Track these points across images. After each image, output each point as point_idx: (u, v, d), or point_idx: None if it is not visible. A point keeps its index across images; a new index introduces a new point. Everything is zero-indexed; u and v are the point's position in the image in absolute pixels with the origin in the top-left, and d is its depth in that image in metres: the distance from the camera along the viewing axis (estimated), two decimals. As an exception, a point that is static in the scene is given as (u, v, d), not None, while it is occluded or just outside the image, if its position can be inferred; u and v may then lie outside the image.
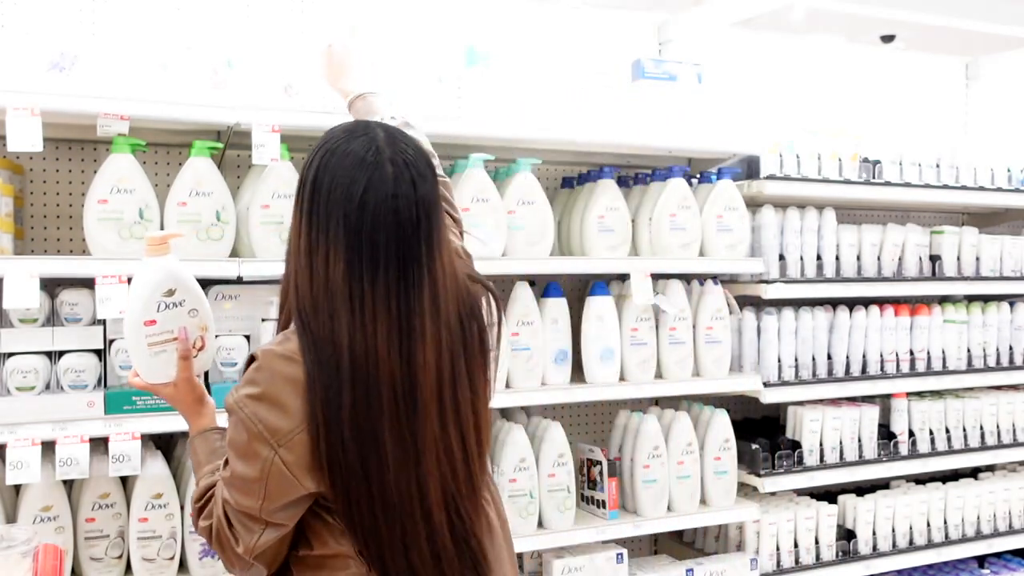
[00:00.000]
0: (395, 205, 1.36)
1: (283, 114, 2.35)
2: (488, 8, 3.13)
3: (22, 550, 1.77)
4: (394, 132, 1.44)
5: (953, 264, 3.54)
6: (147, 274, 1.58)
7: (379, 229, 1.35)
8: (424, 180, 1.40)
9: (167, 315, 1.59)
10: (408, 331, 1.35)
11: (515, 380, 2.74)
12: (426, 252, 1.38)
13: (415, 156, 1.41)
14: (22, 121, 2.06)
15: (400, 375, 1.35)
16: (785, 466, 3.15)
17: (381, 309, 1.34)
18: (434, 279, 1.38)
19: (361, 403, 1.34)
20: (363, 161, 1.37)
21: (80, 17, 2.55)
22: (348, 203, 1.35)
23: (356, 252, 1.34)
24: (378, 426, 1.35)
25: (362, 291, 1.34)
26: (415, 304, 1.36)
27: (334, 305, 1.34)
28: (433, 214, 1.40)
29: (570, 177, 3.19)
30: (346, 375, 1.34)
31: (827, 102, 3.85)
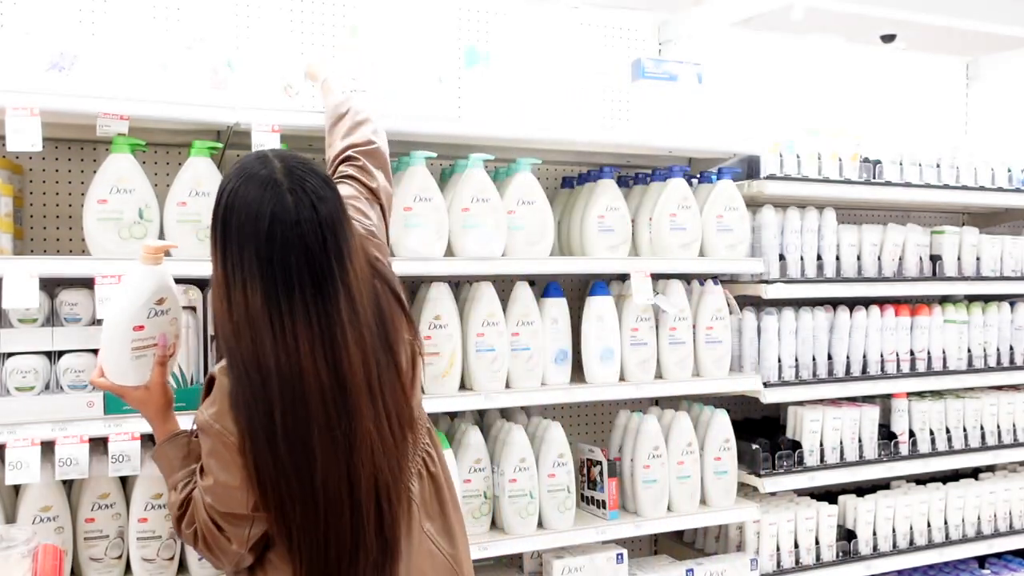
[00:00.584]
0: (300, 231, 1.46)
1: (283, 114, 2.35)
2: (488, 8, 3.14)
3: (22, 550, 1.77)
4: (291, 162, 1.53)
5: (953, 264, 3.54)
6: (143, 281, 1.63)
7: (289, 255, 1.45)
8: (324, 201, 1.50)
9: (154, 322, 1.66)
10: (331, 341, 1.45)
11: (515, 380, 2.74)
12: (337, 266, 1.48)
13: (313, 181, 1.51)
14: (22, 121, 2.06)
15: (329, 384, 1.45)
16: (785, 466, 3.15)
17: (302, 327, 1.44)
18: (348, 287, 1.48)
19: (289, 418, 1.44)
20: (264, 196, 1.47)
21: (80, 17, 2.56)
22: (257, 237, 1.45)
23: (271, 280, 1.44)
24: (309, 436, 1.45)
25: (281, 314, 1.44)
26: (334, 316, 1.46)
27: (257, 331, 1.44)
28: (339, 229, 1.50)
29: (570, 177, 3.19)
30: (275, 395, 1.44)
31: (827, 102, 3.85)
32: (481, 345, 2.66)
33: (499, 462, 2.73)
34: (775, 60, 3.72)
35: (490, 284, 2.73)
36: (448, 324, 2.63)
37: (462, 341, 2.67)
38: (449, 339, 2.63)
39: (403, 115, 2.52)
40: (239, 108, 2.32)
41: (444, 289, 2.66)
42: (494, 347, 2.68)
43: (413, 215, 2.53)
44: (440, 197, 2.58)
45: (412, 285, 2.74)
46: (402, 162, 2.62)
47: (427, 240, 2.55)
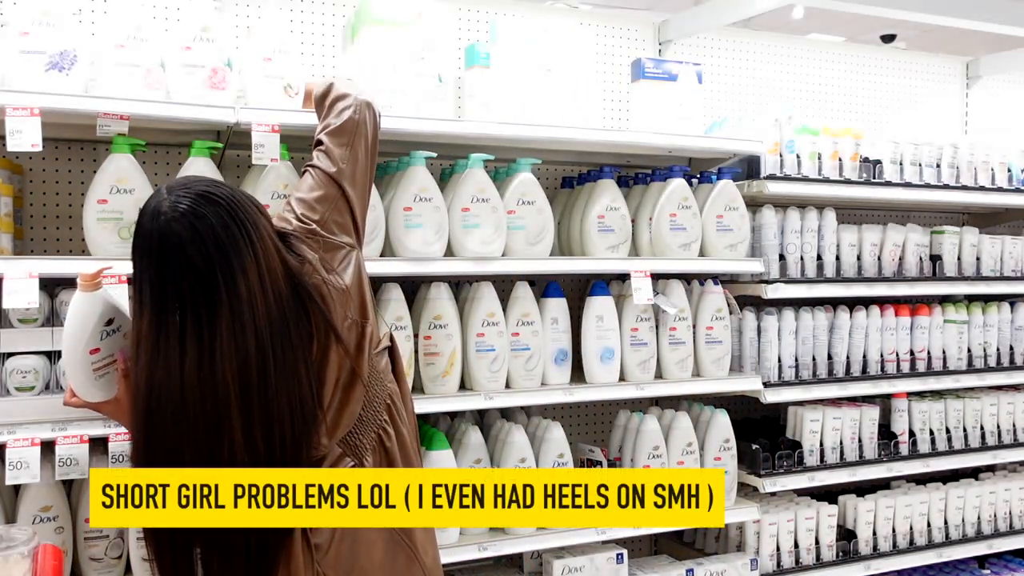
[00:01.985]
0: (185, 253, 1.52)
1: (283, 114, 2.35)
2: (488, 8, 3.14)
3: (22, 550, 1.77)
4: (176, 188, 1.59)
5: (953, 264, 3.54)
6: (88, 308, 1.69)
7: (177, 277, 1.52)
8: (201, 219, 1.54)
9: (108, 342, 1.71)
10: (210, 355, 1.51)
11: (515, 380, 2.74)
12: (224, 282, 1.53)
13: (189, 203, 1.55)
14: (22, 121, 2.06)
15: (205, 394, 1.51)
16: (785, 466, 3.15)
17: (190, 344, 1.51)
18: (236, 300, 1.53)
19: (160, 431, 1.52)
20: (152, 227, 1.54)
21: (80, 17, 2.56)
22: (150, 267, 1.54)
23: (159, 302, 1.53)
24: (179, 448, 1.52)
25: (166, 335, 1.51)
26: (216, 328, 1.52)
27: (141, 352, 1.53)
28: (224, 242, 1.55)
29: (570, 177, 3.19)
30: (142, 409, 1.53)
31: (827, 102, 3.86)
32: (481, 345, 2.66)
33: (499, 462, 2.73)
34: (775, 60, 3.73)
35: (490, 284, 2.73)
36: (448, 324, 2.63)
37: (462, 341, 2.67)
38: (449, 339, 2.63)
39: (403, 115, 2.52)
40: (239, 108, 2.32)
41: (444, 289, 2.66)
42: (494, 347, 2.68)
43: (413, 215, 2.53)
44: (440, 197, 2.58)
45: (412, 285, 2.74)
46: (402, 162, 2.62)
47: (427, 240, 2.55)
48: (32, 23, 2.14)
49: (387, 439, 1.76)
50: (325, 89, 2.04)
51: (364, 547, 1.67)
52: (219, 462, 1.52)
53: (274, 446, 1.55)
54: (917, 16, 3.25)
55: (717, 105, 3.60)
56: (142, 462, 1.56)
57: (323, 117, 1.99)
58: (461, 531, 2.66)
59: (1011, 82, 4.29)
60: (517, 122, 2.67)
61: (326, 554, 1.63)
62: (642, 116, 3.06)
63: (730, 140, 3.06)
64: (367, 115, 1.96)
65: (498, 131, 2.63)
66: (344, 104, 1.96)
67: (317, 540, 1.63)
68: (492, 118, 2.69)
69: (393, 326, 2.53)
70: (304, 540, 1.62)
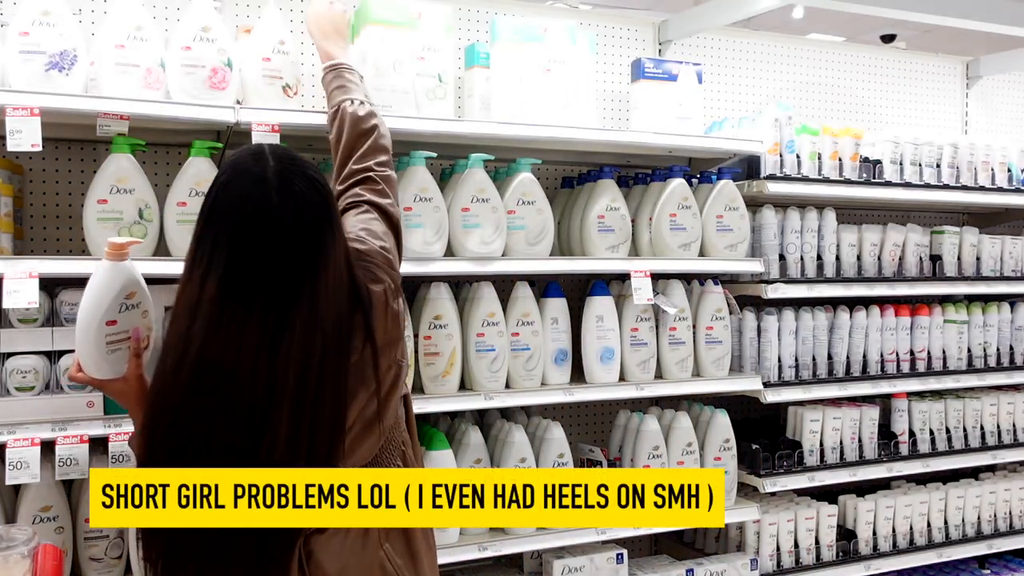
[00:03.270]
0: (279, 233, 1.43)
1: (283, 114, 2.35)
2: (488, 8, 3.14)
3: (22, 550, 1.77)
4: (285, 162, 1.49)
5: (953, 264, 3.54)
6: (111, 277, 1.65)
7: (261, 254, 1.42)
8: (310, 206, 1.47)
9: (126, 316, 1.67)
10: (275, 347, 1.42)
11: (515, 380, 2.74)
12: (308, 273, 1.45)
13: (302, 184, 1.47)
14: (22, 121, 2.06)
15: (260, 383, 1.41)
16: (785, 466, 3.15)
17: (254, 326, 1.41)
18: (315, 297, 1.45)
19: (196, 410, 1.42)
20: (250, 194, 1.44)
21: (80, 17, 2.56)
22: (234, 231, 1.43)
23: (234, 274, 1.42)
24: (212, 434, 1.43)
25: (233, 309, 1.41)
26: (289, 321, 1.43)
27: (195, 319, 1.41)
28: (319, 236, 1.48)
29: (570, 177, 3.19)
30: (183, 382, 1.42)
31: (827, 102, 3.86)
32: (481, 345, 2.67)
33: (499, 462, 2.73)
34: (775, 60, 3.73)
35: (490, 284, 2.73)
36: (448, 324, 2.63)
37: (462, 341, 2.67)
38: (449, 339, 2.63)
39: (403, 115, 2.52)
40: (239, 108, 2.32)
41: (444, 289, 2.66)
42: (494, 347, 2.68)
43: (413, 215, 2.53)
44: (440, 197, 2.58)
45: (412, 285, 2.74)
46: (402, 162, 2.62)
47: (427, 240, 2.55)
48: (32, 23, 2.14)
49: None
50: (366, 113, 2.02)
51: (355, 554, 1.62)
52: (255, 459, 1.44)
53: (309, 459, 1.48)
54: (917, 16, 3.25)
55: (717, 105, 3.60)
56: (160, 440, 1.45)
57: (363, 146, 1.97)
58: (461, 531, 2.66)
59: (1011, 82, 4.29)
60: (517, 122, 2.67)
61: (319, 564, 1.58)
62: (642, 116, 3.06)
63: (730, 140, 3.06)
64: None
65: (498, 131, 2.63)
66: (387, 158, 1.98)
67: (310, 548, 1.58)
68: (492, 118, 2.69)
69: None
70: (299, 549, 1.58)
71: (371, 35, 2.50)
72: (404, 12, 2.54)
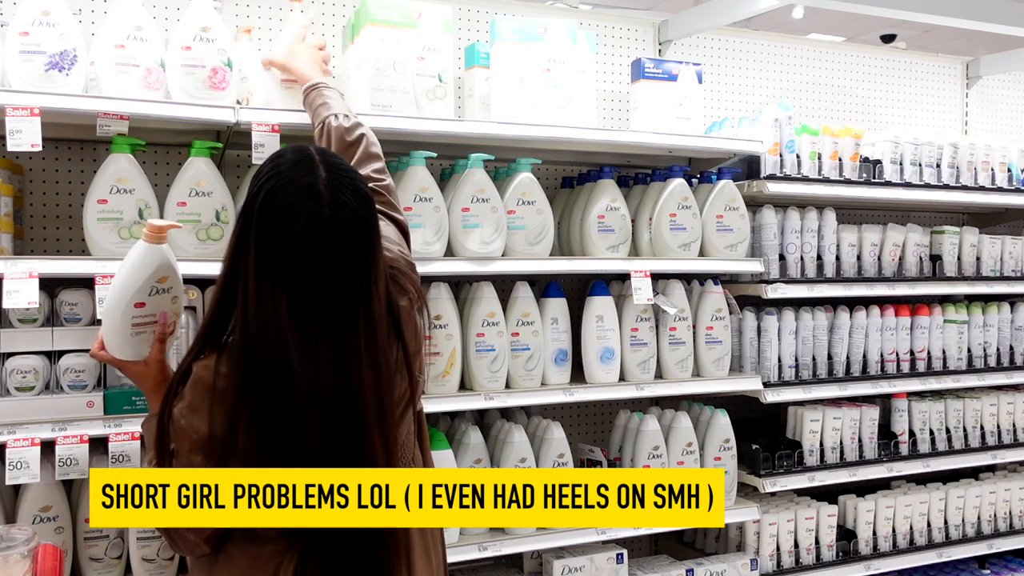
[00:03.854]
0: (332, 248, 1.44)
1: (283, 114, 2.35)
2: (488, 8, 3.14)
3: (22, 550, 1.77)
4: (336, 174, 1.50)
5: (953, 264, 3.54)
6: (146, 259, 1.65)
7: (316, 269, 1.44)
8: (360, 222, 1.48)
9: (155, 300, 1.67)
10: (345, 360, 1.45)
11: (515, 380, 2.74)
12: (361, 289, 1.47)
13: (353, 199, 1.48)
14: (22, 121, 2.06)
15: (343, 404, 1.45)
16: (785, 466, 3.15)
17: (322, 340, 1.44)
18: (370, 310, 1.48)
19: (297, 427, 1.44)
20: (302, 206, 1.44)
21: (80, 17, 2.56)
22: (287, 244, 1.43)
23: (298, 291, 1.43)
24: (310, 449, 1.45)
25: (304, 323, 1.43)
26: (351, 337, 1.46)
27: (281, 335, 1.42)
28: (370, 252, 1.50)
29: (570, 177, 3.19)
30: (291, 402, 1.43)
31: (827, 102, 3.86)
32: (481, 345, 2.67)
33: (499, 462, 2.73)
34: (775, 60, 3.73)
35: (490, 284, 2.73)
36: (448, 324, 2.63)
37: (462, 341, 2.67)
38: (449, 339, 2.63)
39: (403, 115, 2.52)
40: (239, 108, 2.32)
41: (444, 289, 2.66)
42: (494, 347, 2.68)
43: (413, 215, 2.53)
44: (440, 197, 2.58)
45: (412, 285, 2.74)
46: (402, 162, 2.62)
47: (427, 240, 2.55)
48: (32, 23, 2.14)
49: None
50: (351, 124, 2.04)
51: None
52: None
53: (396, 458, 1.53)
54: (917, 16, 3.25)
55: (717, 105, 3.60)
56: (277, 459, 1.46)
57: (353, 157, 1.98)
58: (461, 531, 2.66)
59: (1011, 82, 4.30)
60: (517, 122, 2.67)
61: None
62: (642, 116, 3.06)
63: (730, 140, 3.06)
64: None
65: (498, 131, 2.63)
66: (381, 165, 1.99)
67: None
68: (492, 118, 2.69)
69: None
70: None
71: (371, 35, 2.50)
72: (404, 12, 2.54)
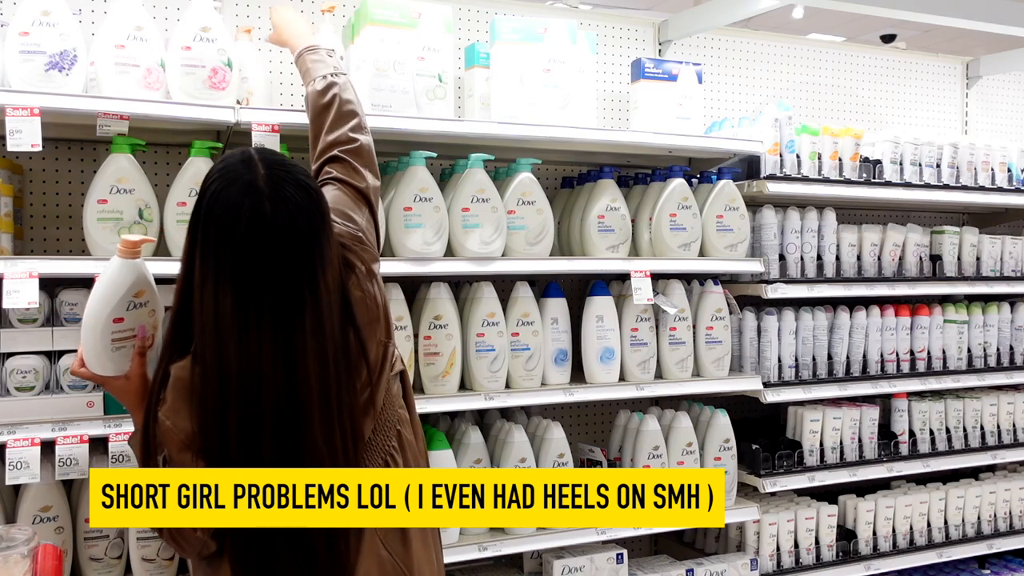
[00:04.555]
0: (275, 241, 1.46)
1: (283, 114, 2.35)
2: (488, 8, 3.14)
3: (22, 550, 1.77)
4: (275, 169, 1.51)
5: (953, 264, 3.54)
6: (121, 275, 1.66)
7: (262, 264, 1.45)
8: (302, 212, 1.49)
9: (133, 314, 1.68)
10: (291, 352, 1.46)
11: (515, 380, 2.74)
12: (308, 278, 1.48)
13: (293, 191, 1.49)
14: (22, 121, 2.06)
15: (284, 393, 1.46)
16: (785, 466, 3.15)
17: (267, 335, 1.45)
18: (317, 300, 1.49)
19: (243, 423, 1.46)
20: (243, 203, 1.46)
21: (80, 17, 2.56)
22: (232, 242, 1.45)
23: (242, 286, 1.45)
24: (260, 443, 1.47)
25: (248, 320, 1.45)
26: (297, 327, 1.47)
27: (223, 334, 1.45)
28: (315, 241, 1.50)
29: (570, 177, 3.19)
30: (232, 398, 1.46)
31: (827, 102, 3.86)
32: (481, 345, 2.67)
33: (499, 462, 2.73)
34: (775, 60, 3.73)
35: (490, 284, 2.73)
36: (448, 324, 2.63)
37: (462, 341, 2.67)
38: (449, 339, 2.63)
39: (403, 115, 2.52)
40: (239, 108, 2.32)
41: (444, 289, 2.66)
42: (494, 347, 2.68)
43: (413, 215, 2.53)
44: (440, 197, 2.58)
45: (412, 285, 2.74)
46: (402, 162, 2.62)
47: (427, 240, 2.55)
48: (32, 23, 2.14)
49: (393, 465, 1.74)
50: (324, 86, 1.98)
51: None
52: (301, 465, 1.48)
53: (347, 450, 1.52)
54: (917, 16, 3.25)
55: (717, 105, 3.60)
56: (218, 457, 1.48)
57: (327, 121, 1.94)
58: (461, 531, 2.66)
59: (1011, 82, 4.30)
60: (517, 122, 2.67)
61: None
62: (642, 116, 3.06)
63: (730, 140, 3.06)
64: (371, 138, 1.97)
65: (498, 131, 2.63)
66: (355, 123, 1.94)
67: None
68: (492, 118, 2.69)
69: (393, 326, 2.53)
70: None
71: (371, 35, 2.50)
72: (404, 12, 2.54)
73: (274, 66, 2.81)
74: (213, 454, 1.50)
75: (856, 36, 7.76)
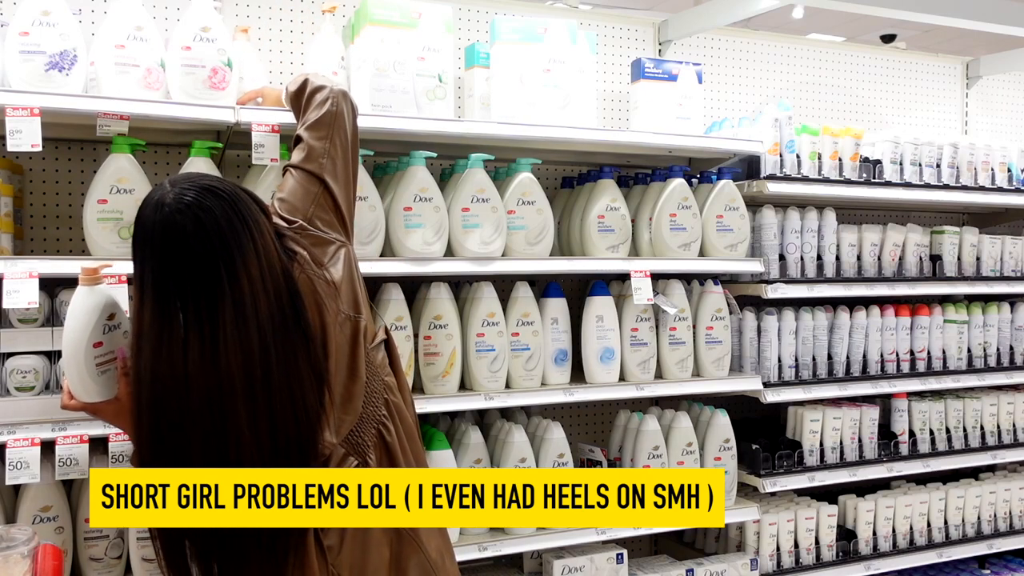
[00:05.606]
0: (186, 244, 1.52)
1: (283, 114, 2.35)
2: (488, 8, 3.14)
3: (22, 550, 1.77)
4: (179, 181, 1.60)
5: (953, 264, 3.54)
6: (91, 301, 1.70)
7: (178, 268, 1.52)
8: (206, 211, 1.55)
9: (110, 336, 1.71)
10: (213, 347, 1.51)
11: (515, 380, 2.74)
12: (226, 272, 1.53)
13: (194, 195, 1.56)
14: (22, 121, 2.06)
15: (212, 389, 1.50)
16: (785, 466, 3.15)
17: (192, 336, 1.51)
18: (238, 291, 1.53)
19: (169, 428, 1.52)
20: (154, 218, 1.54)
21: (80, 17, 2.56)
22: (151, 257, 1.54)
23: (161, 294, 1.53)
24: (187, 443, 1.51)
25: (169, 327, 1.51)
26: (219, 321, 1.52)
27: (145, 344, 1.53)
28: (227, 236, 1.55)
29: (570, 177, 3.19)
30: (148, 405, 1.52)
31: (827, 102, 3.86)
32: (481, 345, 2.67)
33: (499, 462, 2.73)
34: (775, 60, 3.73)
35: (490, 284, 2.73)
36: (448, 324, 2.63)
37: (462, 341, 2.67)
38: (449, 339, 2.63)
39: (403, 115, 2.52)
40: (239, 108, 2.32)
41: (444, 289, 2.66)
42: (494, 347, 2.68)
43: (413, 215, 2.53)
44: (440, 197, 2.58)
45: (412, 285, 2.74)
46: (402, 162, 2.62)
47: (427, 240, 2.55)
48: (32, 23, 2.14)
49: (387, 434, 1.77)
50: (300, 85, 2.03)
51: (374, 545, 1.68)
52: (227, 460, 1.51)
53: (279, 443, 1.55)
54: (917, 16, 3.25)
55: (717, 105, 3.60)
56: (148, 460, 1.55)
57: (301, 113, 1.99)
58: (461, 531, 2.66)
59: (1011, 82, 4.30)
60: (517, 122, 2.67)
61: (338, 554, 1.64)
62: (642, 116, 3.06)
63: (730, 140, 3.06)
64: (344, 106, 1.95)
65: (498, 131, 2.63)
66: (322, 96, 1.95)
67: (329, 542, 1.63)
68: (492, 118, 2.69)
69: (393, 326, 2.53)
70: (316, 542, 1.62)
71: (371, 35, 2.50)
72: (404, 12, 2.54)
73: (273, 66, 2.81)
74: (147, 464, 1.55)
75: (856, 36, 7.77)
